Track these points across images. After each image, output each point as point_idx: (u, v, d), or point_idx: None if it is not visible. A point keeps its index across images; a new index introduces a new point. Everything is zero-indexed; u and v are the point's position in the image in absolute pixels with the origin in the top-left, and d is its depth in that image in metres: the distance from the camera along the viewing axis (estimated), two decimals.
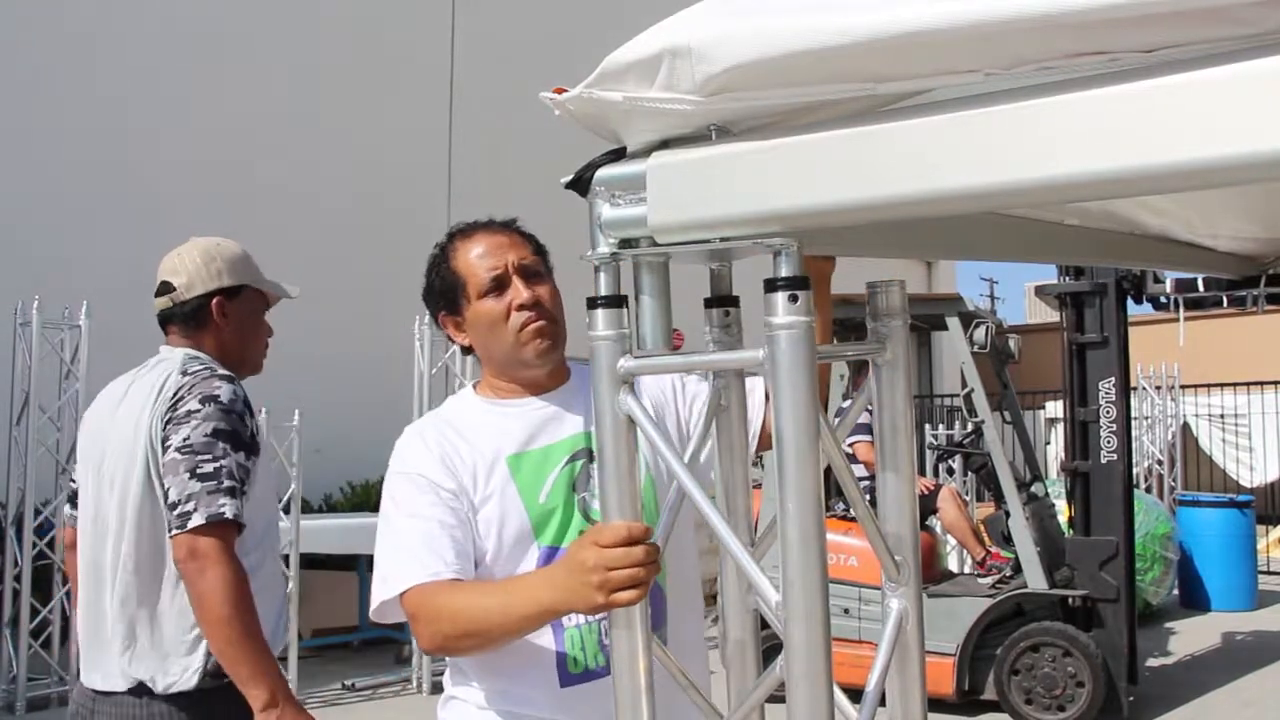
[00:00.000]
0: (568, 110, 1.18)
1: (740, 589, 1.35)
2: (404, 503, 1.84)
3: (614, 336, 1.26)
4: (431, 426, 1.93)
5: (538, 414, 1.92)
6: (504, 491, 1.85)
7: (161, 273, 2.60)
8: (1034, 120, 0.94)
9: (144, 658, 2.23)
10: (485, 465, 1.86)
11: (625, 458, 1.28)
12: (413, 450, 1.89)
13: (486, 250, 1.91)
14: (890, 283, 1.30)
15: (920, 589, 1.34)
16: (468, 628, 1.68)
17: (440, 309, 1.98)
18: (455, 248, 1.95)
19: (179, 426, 2.22)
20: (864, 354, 1.30)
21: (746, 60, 1.02)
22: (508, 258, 1.90)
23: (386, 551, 1.83)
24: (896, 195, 1.00)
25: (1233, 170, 0.89)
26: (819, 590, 1.09)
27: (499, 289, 1.89)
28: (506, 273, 1.89)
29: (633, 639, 1.31)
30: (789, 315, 1.08)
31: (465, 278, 1.91)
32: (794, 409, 1.08)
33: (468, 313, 1.92)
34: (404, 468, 1.88)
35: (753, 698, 1.27)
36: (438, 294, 1.96)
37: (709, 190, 1.11)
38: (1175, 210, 2.04)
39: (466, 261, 1.91)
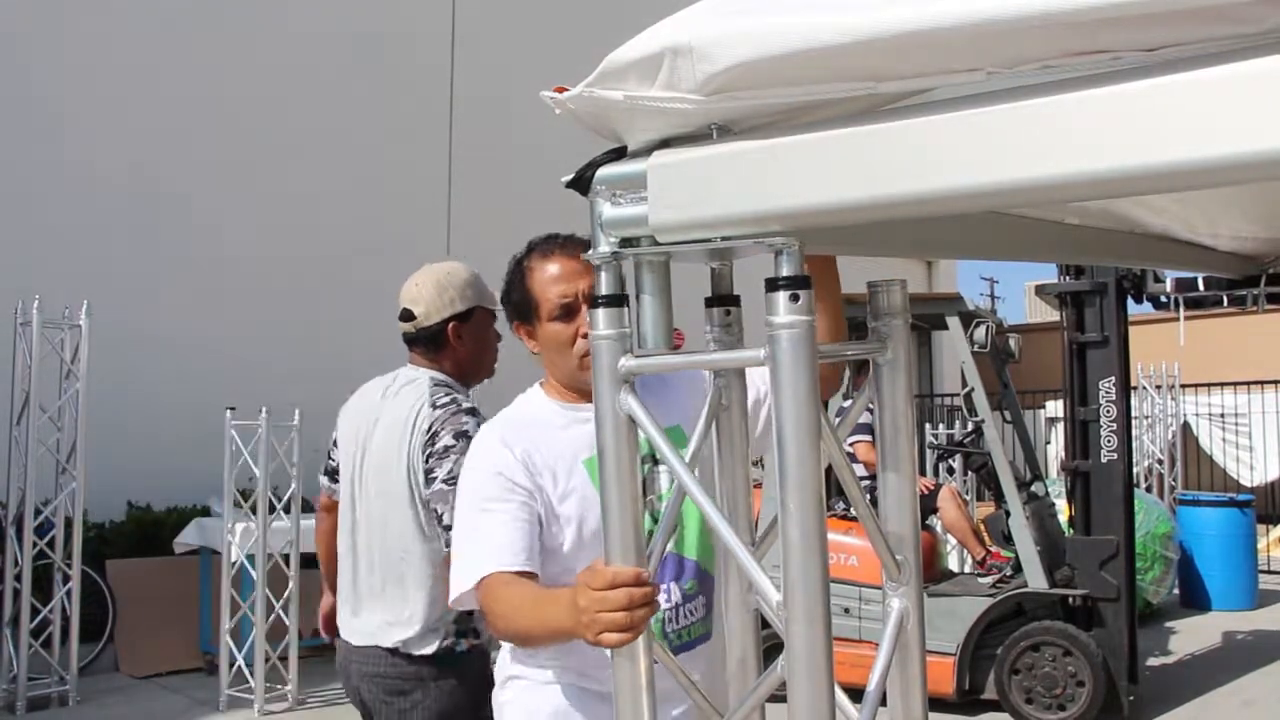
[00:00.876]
0: (568, 109, 1.18)
1: (741, 588, 1.35)
2: (480, 498, 1.96)
3: (615, 336, 1.26)
4: (510, 430, 2.05)
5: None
6: (583, 491, 1.98)
7: (402, 299, 2.81)
8: (1035, 119, 0.94)
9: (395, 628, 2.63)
10: (565, 466, 2.00)
11: (626, 457, 1.28)
12: (491, 451, 2.01)
13: (561, 274, 2.06)
14: (891, 282, 1.30)
15: (921, 588, 1.34)
16: (517, 629, 1.84)
17: (515, 319, 2.14)
18: (532, 266, 2.10)
19: (441, 461, 2.57)
20: (865, 353, 1.30)
21: (747, 59, 1.02)
22: (579, 285, 2.04)
23: (463, 542, 1.97)
24: (898, 194, 0.99)
25: (1234, 169, 0.88)
26: (820, 590, 1.09)
27: (568, 314, 2.05)
28: (577, 300, 2.04)
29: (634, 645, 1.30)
30: (790, 314, 1.08)
31: (539, 299, 2.07)
32: (795, 408, 1.08)
33: (538, 328, 2.09)
34: (483, 464, 2.00)
35: (753, 697, 1.27)
36: (514, 306, 2.13)
37: (710, 189, 1.11)
38: (1175, 209, 2.04)
39: (541, 283, 2.07)
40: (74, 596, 6.62)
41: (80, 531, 6.73)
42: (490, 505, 1.94)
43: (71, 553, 6.65)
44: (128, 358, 8.59)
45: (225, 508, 6.65)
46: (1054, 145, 0.93)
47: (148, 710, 6.52)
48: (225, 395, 7.18)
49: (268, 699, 6.43)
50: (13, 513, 6.66)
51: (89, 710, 6.50)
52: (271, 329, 9.97)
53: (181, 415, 8.88)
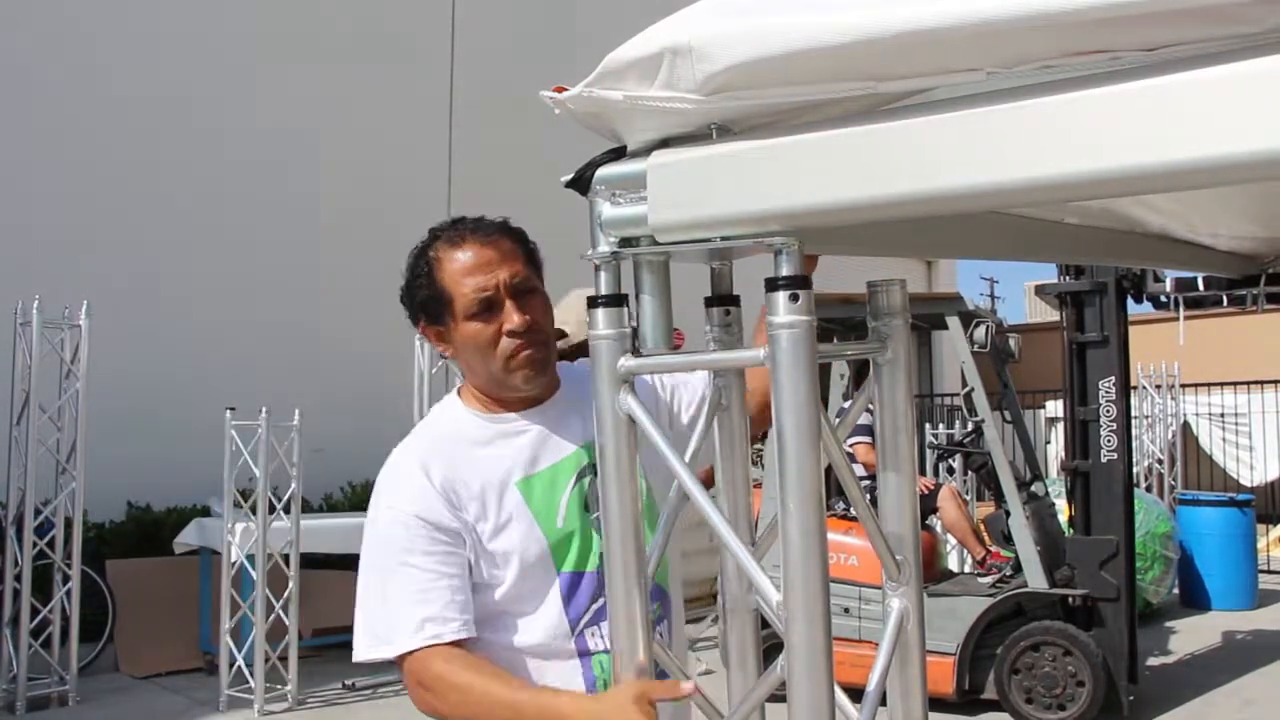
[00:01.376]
0: (568, 109, 1.18)
1: (741, 588, 1.35)
2: (398, 548, 1.71)
3: (614, 336, 1.26)
4: (430, 453, 1.78)
5: (537, 431, 1.82)
6: (520, 518, 1.75)
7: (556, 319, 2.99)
8: (1035, 119, 0.93)
9: None
10: (495, 492, 1.76)
11: (626, 457, 1.27)
12: (410, 486, 1.75)
13: (476, 265, 1.76)
14: (891, 282, 1.30)
15: (921, 588, 1.34)
16: (471, 713, 1.64)
17: (421, 318, 1.84)
18: (440, 258, 1.78)
19: None
20: (865, 353, 1.30)
21: (747, 59, 1.02)
22: (499, 276, 1.76)
23: (375, 603, 1.72)
24: (898, 194, 0.99)
25: (1234, 169, 0.88)
26: (820, 590, 1.09)
27: (488, 310, 1.76)
28: (498, 294, 1.76)
29: (633, 637, 1.30)
30: (790, 314, 1.08)
31: (452, 295, 1.76)
32: (795, 408, 1.08)
33: (454, 331, 1.79)
34: (398, 505, 1.73)
35: (753, 697, 1.27)
36: (419, 304, 1.82)
37: (710, 189, 1.11)
38: (1175, 209, 2.04)
39: (454, 278, 1.76)
40: (74, 596, 6.62)
41: (80, 531, 6.73)
42: (410, 559, 1.69)
43: (71, 553, 6.65)
44: (128, 358, 8.59)
45: (225, 508, 6.65)
46: (1054, 145, 0.93)
47: (148, 710, 6.52)
48: (225, 395, 7.18)
49: (268, 699, 6.42)
50: (13, 513, 6.66)
51: (89, 710, 6.50)
52: (272, 329, 9.97)
53: (181, 415, 8.88)
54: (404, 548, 1.71)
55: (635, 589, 1.29)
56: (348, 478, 9.58)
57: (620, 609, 1.31)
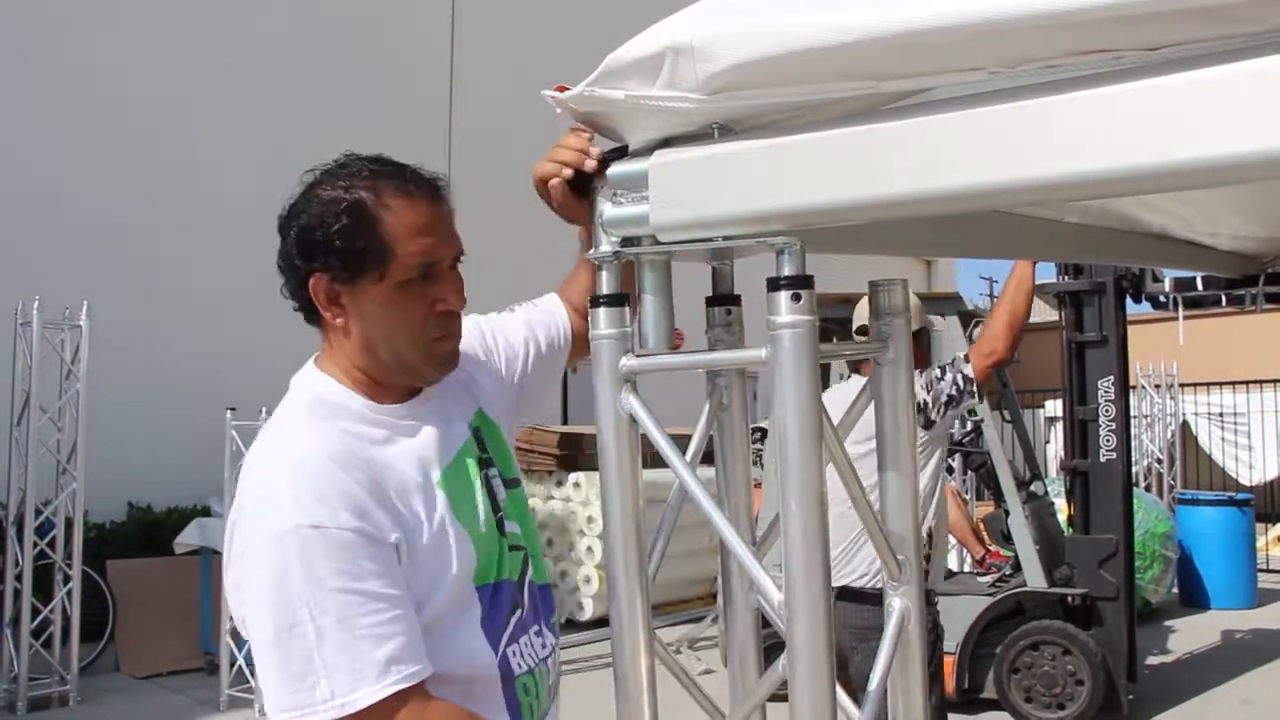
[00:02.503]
0: (569, 108, 1.18)
1: (742, 587, 1.35)
2: (334, 572, 1.32)
3: (616, 335, 1.25)
4: (339, 443, 1.43)
5: (430, 415, 1.54)
6: (449, 524, 1.46)
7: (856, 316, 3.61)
8: (1037, 119, 0.94)
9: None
10: (418, 490, 1.45)
11: (627, 458, 1.27)
12: (331, 488, 1.36)
13: (429, 225, 1.49)
14: (892, 282, 1.30)
15: (922, 588, 1.34)
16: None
17: (323, 268, 1.47)
18: (389, 205, 1.48)
19: None
20: (866, 353, 1.30)
21: (749, 58, 1.02)
22: (449, 246, 1.51)
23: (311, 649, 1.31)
24: (899, 194, 1.00)
25: (1237, 169, 0.88)
26: (822, 589, 1.09)
27: (424, 280, 1.47)
28: (441, 265, 1.49)
29: (635, 638, 1.30)
30: (792, 314, 1.08)
31: (393, 249, 1.44)
32: (798, 407, 1.08)
33: (368, 290, 1.46)
34: (322, 517, 1.34)
35: (755, 696, 1.27)
36: (329, 250, 1.46)
37: (711, 189, 1.11)
38: (1175, 209, 2.04)
39: (403, 233, 1.46)
40: (74, 597, 6.62)
41: (81, 532, 6.73)
42: (358, 584, 1.33)
43: (72, 553, 6.65)
44: (128, 358, 8.59)
45: (225, 508, 6.63)
46: (1056, 145, 0.93)
47: (148, 710, 6.52)
48: (225, 395, 7.18)
49: None
50: (13, 513, 6.66)
51: (89, 710, 6.50)
52: (272, 329, 9.94)
53: (182, 416, 8.88)
54: (345, 570, 1.32)
55: (637, 592, 1.28)
56: None
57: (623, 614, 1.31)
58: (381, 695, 1.31)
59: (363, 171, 1.54)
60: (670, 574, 8.33)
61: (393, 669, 1.32)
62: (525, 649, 1.56)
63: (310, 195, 1.54)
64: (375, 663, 1.31)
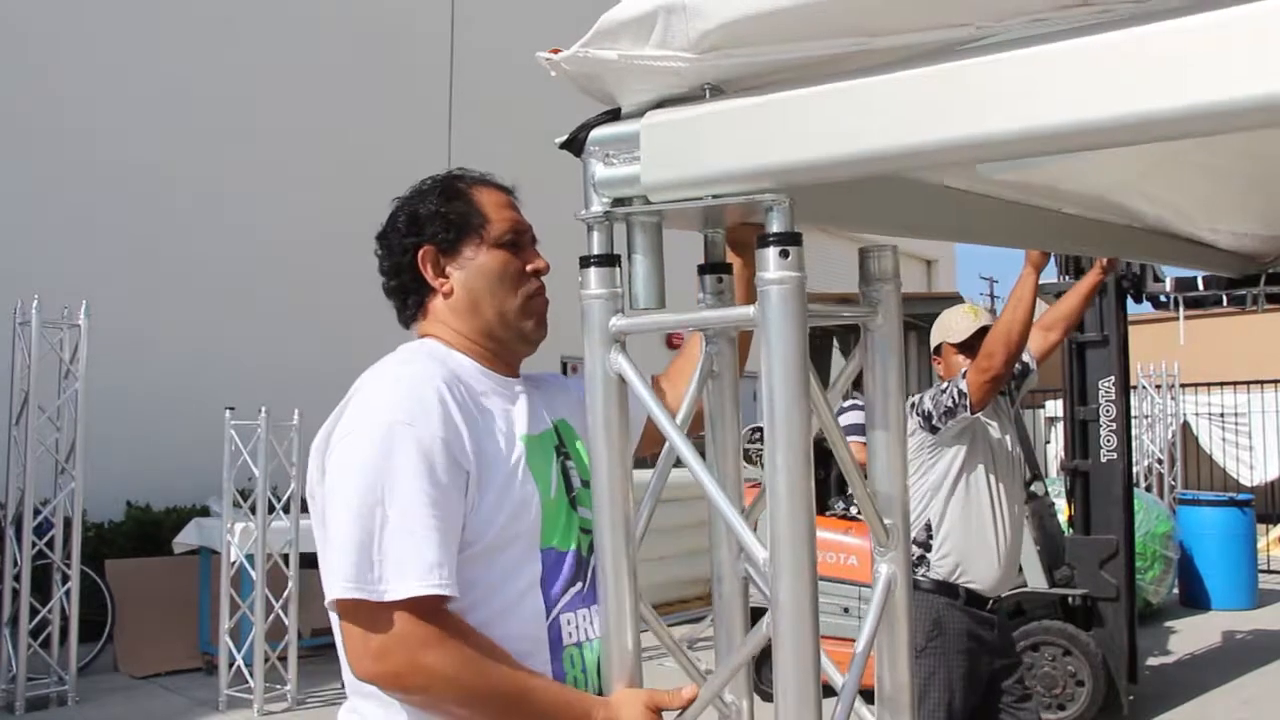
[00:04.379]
0: (563, 70, 1.19)
1: (730, 552, 1.35)
2: (415, 473, 1.46)
3: (606, 295, 1.26)
4: (448, 378, 1.58)
5: (523, 395, 1.71)
6: (523, 473, 1.58)
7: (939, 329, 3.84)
8: (1025, 71, 0.94)
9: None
10: (503, 434, 1.60)
11: (616, 417, 1.27)
12: (432, 407, 1.51)
13: (509, 204, 1.74)
14: (883, 247, 1.30)
15: (909, 554, 1.34)
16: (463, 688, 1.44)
17: (431, 240, 1.68)
18: (475, 187, 1.73)
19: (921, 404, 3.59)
20: (856, 318, 1.30)
21: (740, 15, 1.02)
22: (527, 223, 1.75)
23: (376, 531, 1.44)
24: (888, 148, 1.00)
25: (1228, 116, 0.88)
26: (807, 546, 1.09)
27: (516, 246, 1.70)
28: (528, 234, 1.73)
29: (621, 605, 1.31)
30: (780, 270, 1.08)
31: (489, 216, 1.69)
32: (784, 365, 1.08)
33: (475, 255, 1.68)
34: (420, 425, 1.49)
35: (739, 655, 1.27)
36: (436, 221, 1.68)
37: (701, 147, 1.12)
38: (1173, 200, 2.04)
39: (492, 202, 1.71)
40: (73, 596, 6.61)
41: (79, 531, 6.73)
42: (432, 490, 1.46)
43: (70, 552, 6.64)
44: (127, 358, 8.59)
45: (224, 507, 6.65)
46: (1044, 97, 0.93)
47: (147, 710, 6.51)
48: (224, 395, 7.18)
49: (267, 699, 6.41)
50: (12, 512, 6.65)
51: (88, 710, 6.49)
52: (271, 329, 9.97)
53: (180, 415, 8.89)
54: (424, 474, 1.46)
55: (624, 555, 1.29)
56: None
57: (609, 574, 1.31)
58: (417, 593, 1.42)
59: (452, 173, 1.78)
60: (669, 574, 8.32)
61: (439, 571, 1.44)
62: (581, 621, 1.63)
63: (410, 193, 1.76)
64: (423, 562, 1.43)
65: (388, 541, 1.44)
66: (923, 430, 3.57)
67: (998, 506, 3.58)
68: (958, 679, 3.46)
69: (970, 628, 3.52)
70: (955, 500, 3.54)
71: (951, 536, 3.52)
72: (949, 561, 3.53)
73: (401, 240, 1.72)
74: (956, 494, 3.54)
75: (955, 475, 3.55)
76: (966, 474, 3.55)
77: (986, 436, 3.62)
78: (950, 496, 3.54)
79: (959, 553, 3.53)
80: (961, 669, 3.48)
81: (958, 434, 3.54)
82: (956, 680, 3.46)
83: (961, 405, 3.45)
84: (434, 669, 1.42)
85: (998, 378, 3.41)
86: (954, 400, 3.47)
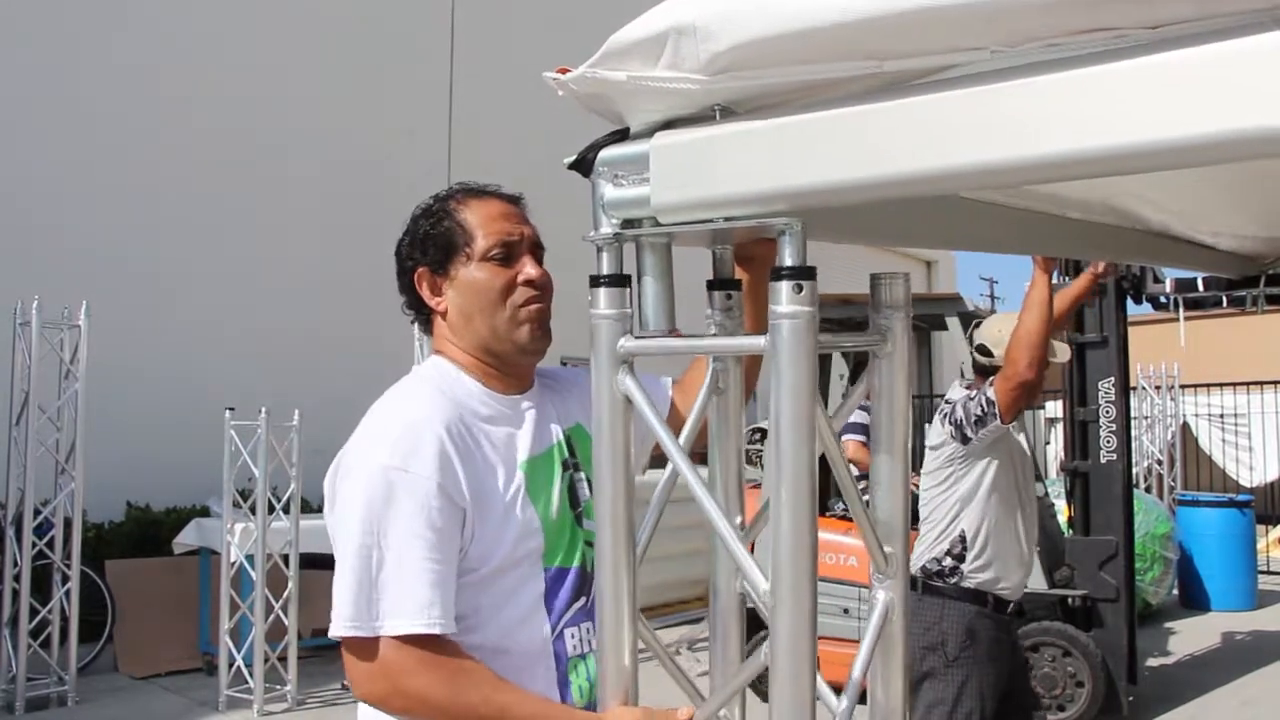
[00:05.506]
0: (571, 90, 1.18)
1: (728, 571, 1.35)
2: (411, 516, 1.54)
3: (615, 315, 1.26)
4: (449, 415, 1.64)
5: (531, 411, 1.75)
6: (521, 502, 1.65)
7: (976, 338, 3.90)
8: (1040, 97, 0.93)
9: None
10: (506, 468, 1.65)
11: (621, 438, 1.27)
12: (429, 448, 1.58)
13: (502, 214, 1.75)
14: (895, 276, 1.30)
15: (908, 582, 1.34)
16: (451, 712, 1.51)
17: (424, 261, 1.74)
18: (465, 202, 1.76)
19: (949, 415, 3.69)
20: (865, 346, 1.30)
21: (751, 38, 1.02)
22: (524, 229, 1.75)
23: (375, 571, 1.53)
24: (902, 173, 0.99)
25: (1239, 145, 0.88)
26: (808, 579, 1.10)
27: (507, 259, 1.71)
28: (520, 244, 1.73)
29: (619, 622, 1.31)
30: (793, 304, 1.08)
31: (473, 233, 1.71)
32: (793, 397, 1.08)
33: (461, 272, 1.71)
34: (416, 470, 1.56)
35: (734, 682, 1.27)
36: (426, 243, 1.73)
37: (713, 169, 1.11)
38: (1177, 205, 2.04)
39: (479, 219, 1.72)
40: (73, 597, 6.61)
41: (79, 531, 6.72)
42: (428, 533, 1.54)
43: (70, 553, 6.64)
44: (127, 358, 8.58)
45: (224, 508, 6.65)
46: (1059, 123, 0.93)
47: (147, 710, 6.51)
48: (224, 395, 7.18)
49: (267, 699, 6.42)
50: (12, 513, 6.65)
51: (88, 711, 6.49)
52: (271, 328, 9.97)
53: (181, 415, 8.88)
54: (420, 518, 1.54)
55: (624, 573, 1.29)
56: None
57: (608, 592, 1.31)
58: (408, 630, 1.51)
59: (451, 190, 1.82)
60: (669, 575, 8.32)
61: (433, 610, 1.52)
62: (585, 635, 1.69)
63: (413, 214, 1.82)
64: (414, 602, 1.51)
65: (382, 583, 1.54)
66: (954, 440, 3.57)
67: (1024, 512, 3.60)
68: (989, 686, 3.48)
69: (998, 635, 3.55)
70: (990, 511, 3.54)
71: (990, 547, 3.52)
72: (989, 572, 3.53)
73: (403, 263, 1.79)
74: (991, 504, 3.54)
75: (989, 486, 3.55)
76: (999, 484, 3.56)
77: (1015, 447, 3.63)
78: (985, 507, 3.54)
79: (998, 563, 3.53)
80: (991, 677, 3.50)
81: (990, 445, 3.53)
82: (988, 689, 3.47)
83: (991, 414, 3.45)
84: (415, 694, 1.52)
85: (1025, 383, 3.39)
86: (983, 409, 3.47)
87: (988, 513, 3.53)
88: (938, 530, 3.60)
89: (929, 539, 3.62)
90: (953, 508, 3.56)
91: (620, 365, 1.25)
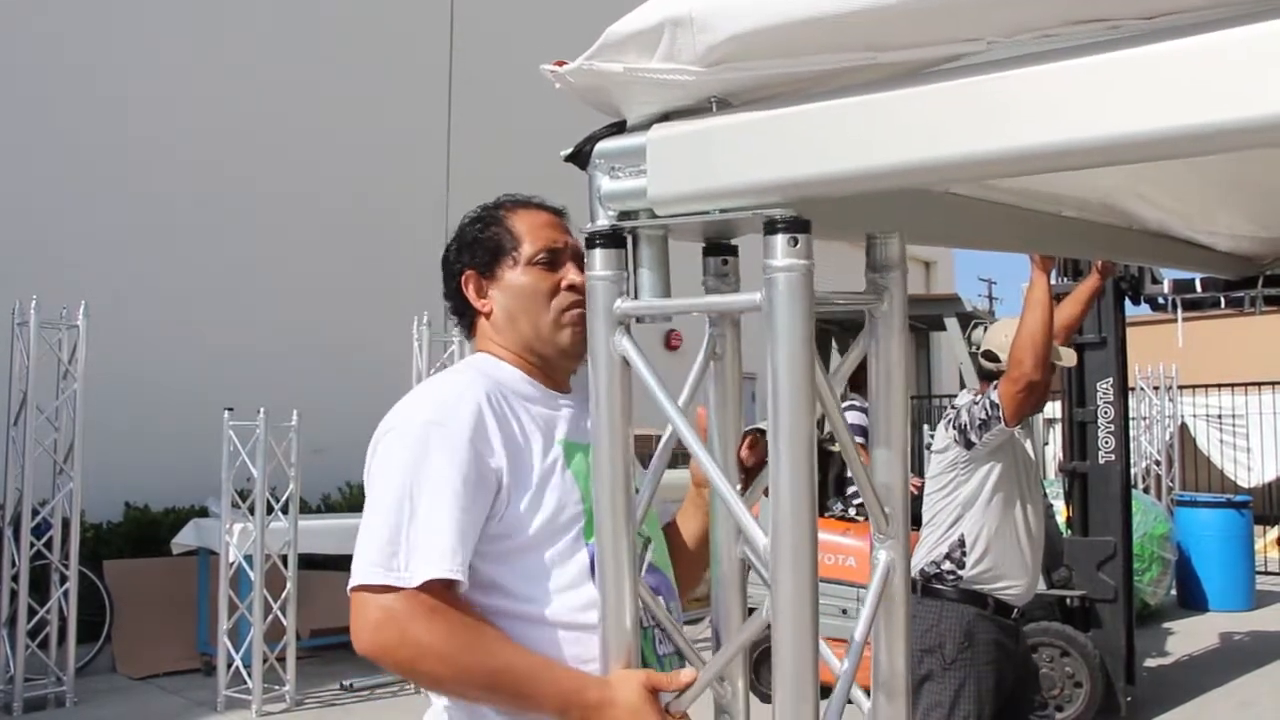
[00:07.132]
0: (568, 83, 1.18)
1: (729, 534, 1.36)
2: (442, 468, 1.58)
3: (612, 276, 1.26)
4: (491, 388, 1.69)
5: (567, 410, 1.79)
6: (561, 475, 1.68)
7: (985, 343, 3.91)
8: (1035, 87, 0.94)
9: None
10: (541, 442, 1.69)
11: (619, 400, 1.27)
12: (466, 410, 1.63)
13: (549, 223, 1.83)
14: (889, 234, 1.30)
15: (908, 541, 1.34)
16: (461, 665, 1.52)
17: (472, 264, 1.82)
18: (513, 210, 1.84)
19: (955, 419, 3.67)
20: (861, 304, 1.30)
21: (747, 29, 1.02)
22: (567, 238, 1.83)
23: (402, 519, 1.56)
24: (898, 164, 0.99)
25: (1235, 135, 0.88)
26: (808, 535, 1.09)
27: (552, 264, 1.79)
28: (565, 250, 1.80)
29: (620, 585, 1.31)
30: (788, 258, 1.08)
31: (521, 238, 1.79)
32: (790, 353, 1.08)
33: (507, 275, 1.79)
34: (450, 425, 1.61)
35: (736, 641, 1.27)
36: (475, 247, 1.82)
37: (708, 161, 1.11)
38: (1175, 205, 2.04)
39: (527, 225, 1.81)
40: (71, 597, 6.60)
41: (78, 532, 6.72)
42: (456, 485, 1.57)
43: (69, 553, 6.63)
44: (125, 358, 8.58)
45: (223, 508, 6.64)
46: (1055, 113, 0.93)
47: (145, 711, 6.50)
48: (223, 396, 7.17)
49: (266, 700, 6.41)
50: (10, 513, 6.64)
51: (86, 711, 6.48)
52: (270, 329, 9.96)
53: (179, 416, 8.87)
54: (454, 469, 1.58)
55: (623, 536, 1.30)
56: (345, 478, 9.57)
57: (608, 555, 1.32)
58: (433, 575, 1.52)
59: (498, 200, 1.89)
60: None
61: (449, 558, 1.54)
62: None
63: (461, 223, 1.89)
64: (439, 549, 1.54)
65: (414, 532, 1.56)
66: (957, 445, 3.54)
67: (1028, 518, 3.57)
68: (986, 690, 3.45)
69: (997, 637, 3.52)
70: (990, 516, 3.50)
71: (990, 553, 3.49)
72: (987, 577, 3.51)
73: (451, 266, 1.86)
74: (991, 509, 3.50)
75: (990, 491, 3.52)
76: (1002, 489, 3.52)
77: (1021, 452, 3.60)
78: (985, 512, 3.51)
79: (997, 568, 3.51)
80: (990, 680, 3.47)
81: (993, 450, 3.50)
82: (985, 692, 3.44)
83: (995, 417, 3.41)
84: (422, 641, 1.52)
85: (1031, 385, 3.35)
86: (987, 413, 3.44)
87: (989, 518, 3.50)
88: (938, 534, 3.58)
89: (929, 542, 3.60)
90: (954, 512, 3.54)
91: (617, 326, 1.25)
